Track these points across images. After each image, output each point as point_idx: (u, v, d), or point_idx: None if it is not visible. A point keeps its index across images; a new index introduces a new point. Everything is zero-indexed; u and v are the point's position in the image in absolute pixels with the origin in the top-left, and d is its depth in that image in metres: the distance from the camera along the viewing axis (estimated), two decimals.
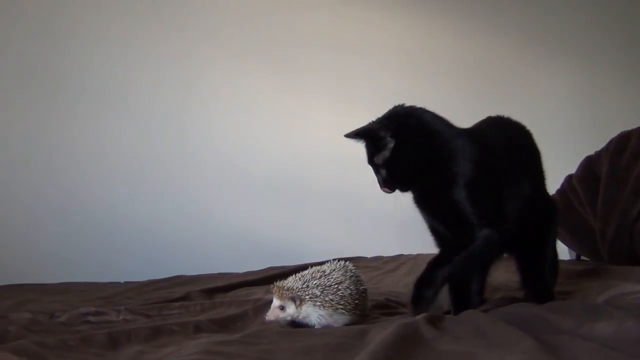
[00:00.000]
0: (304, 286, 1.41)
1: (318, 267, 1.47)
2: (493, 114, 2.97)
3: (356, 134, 1.36)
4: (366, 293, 1.49)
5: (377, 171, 1.39)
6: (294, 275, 1.44)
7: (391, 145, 1.33)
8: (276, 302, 1.39)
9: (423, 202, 1.38)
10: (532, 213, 1.38)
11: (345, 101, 2.84)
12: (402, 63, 2.92)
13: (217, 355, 1.09)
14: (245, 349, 1.13)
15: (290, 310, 1.39)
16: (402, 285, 1.88)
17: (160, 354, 1.19)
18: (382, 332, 1.16)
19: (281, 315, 1.39)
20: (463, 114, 2.93)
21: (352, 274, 1.47)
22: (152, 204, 2.62)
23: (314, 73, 2.81)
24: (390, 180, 1.36)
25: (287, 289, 1.39)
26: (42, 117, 2.59)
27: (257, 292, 1.86)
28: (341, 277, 1.44)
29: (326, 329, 1.30)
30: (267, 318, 1.39)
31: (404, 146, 1.33)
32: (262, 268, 2.42)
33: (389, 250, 2.58)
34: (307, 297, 1.39)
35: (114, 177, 2.61)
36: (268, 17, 2.80)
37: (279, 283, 1.41)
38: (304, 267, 2.32)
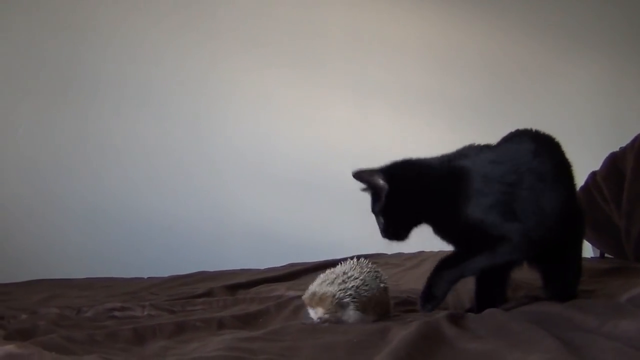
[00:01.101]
0: (341, 289, 1.40)
1: (336, 269, 1.47)
2: (516, 108, 2.98)
3: (354, 175, 1.41)
4: (387, 290, 1.49)
5: (377, 220, 1.42)
6: (317, 281, 1.43)
7: (385, 191, 1.35)
8: (321, 311, 1.37)
9: (443, 233, 1.39)
10: (561, 223, 1.36)
11: (366, 96, 2.84)
12: (425, 57, 2.90)
13: (241, 351, 1.10)
14: (269, 345, 1.15)
15: (339, 314, 1.37)
16: (424, 282, 1.87)
17: (184, 350, 1.21)
18: (403, 331, 1.17)
19: (332, 319, 1.37)
20: (489, 110, 2.93)
21: (369, 270, 1.48)
22: (173, 201, 2.65)
23: (333, 68, 2.80)
24: (388, 228, 1.40)
25: (331, 296, 1.38)
26: (65, 115, 2.63)
27: (279, 289, 1.87)
28: (363, 277, 1.45)
29: (349, 326, 1.31)
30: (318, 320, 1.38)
31: (398, 191, 1.35)
32: (282, 264, 2.45)
33: (410, 247, 2.56)
34: (348, 299, 1.39)
35: (136, 175, 2.64)
36: (286, 11, 2.79)
37: (312, 294, 1.39)
38: (324, 264, 2.36)
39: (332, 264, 2.38)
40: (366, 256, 2.53)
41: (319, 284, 1.43)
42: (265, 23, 2.76)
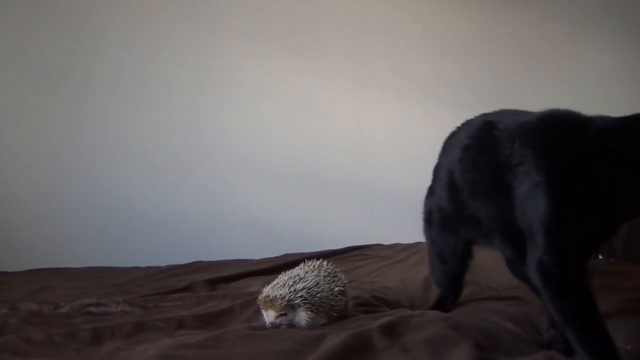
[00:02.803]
0: (291, 291, 1.43)
1: (291, 272, 1.50)
2: (525, 95, 2.88)
3: None
4: (344, 292, 1.50)
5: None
6: (270, 285, 1.47)
7: None
8: (272, 314, 1.41)
9: None
10: None
11: (366, 86, 2.80)
12: (426, 44, 2.83)
13: (172, 359, 1.15)
14: (202, 353, 1.19)
15: (290, 316, 1.41)
16: (399, 280, 1.88)
17: (131, 353, 1.26)
18: (334, 340, 1.19)
19: (283, 321, 1.40)
20: (495, 97, 2.84)
21: (326, 274, 1.49)
22: (171, 193, 2.71)
23: (333, 58, 2.77)
24: None
25: (281, 298, 1.42)
26: (61, 107, 2.68)
27: (256, 285, 1.91)
28: (316, 279, 1.47)
29: (289, 333, 1.33)
30: (269, 325, 1.41)
31: None
32: (278, 255, 2.49)
33: (409, 237, 2.55)
34: (299, 300, 1.42)
35: (135, 167, 2.69)
36: (285, 0, 2.77)
37: (265, 297, 1.43)
38: (319, 255, 2.38)
39: (327, 254, 2.45)
40: (363, 247, 2.60)
41: (272, 287, 1.46)
42: (263, 13, 2.74)
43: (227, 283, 2.03)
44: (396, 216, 2.73)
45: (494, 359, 1.08)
